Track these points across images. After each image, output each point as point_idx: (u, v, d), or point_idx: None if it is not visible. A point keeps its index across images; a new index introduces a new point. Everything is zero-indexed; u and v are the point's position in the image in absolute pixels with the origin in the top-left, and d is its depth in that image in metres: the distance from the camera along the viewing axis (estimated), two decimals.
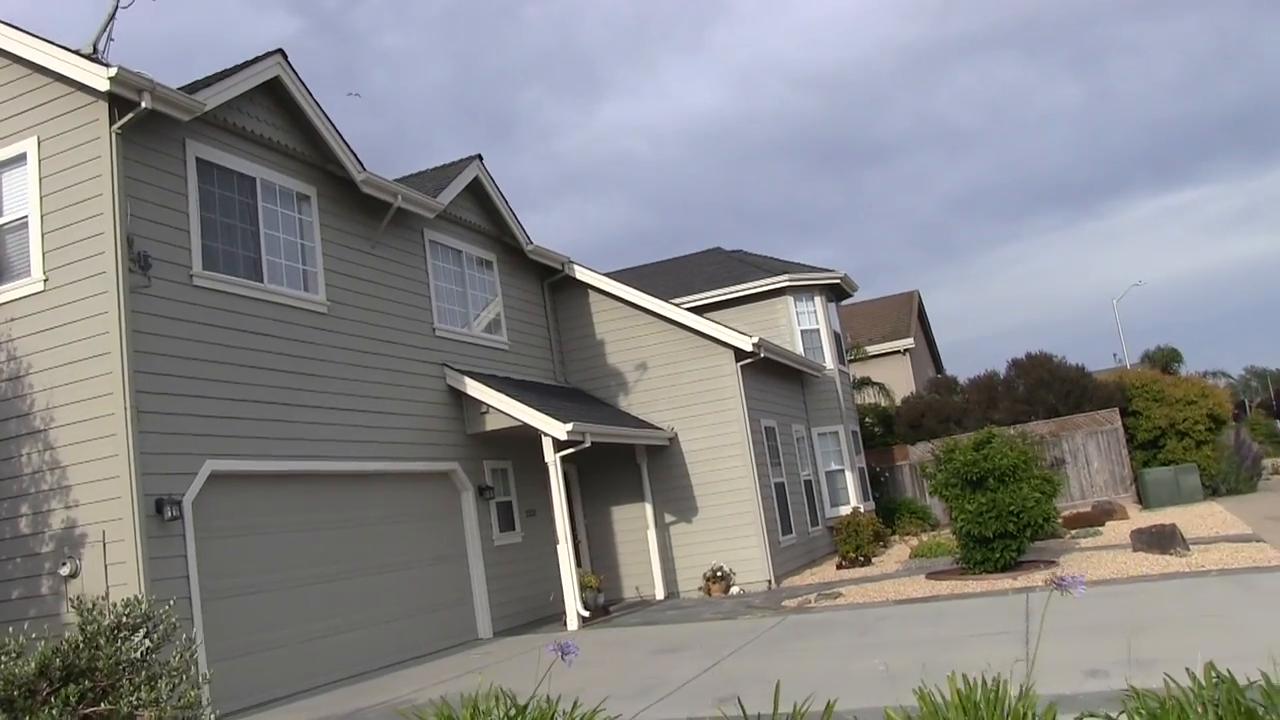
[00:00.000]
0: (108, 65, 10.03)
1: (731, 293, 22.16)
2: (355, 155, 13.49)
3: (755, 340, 17.26)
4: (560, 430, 14.40)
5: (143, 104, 10.18)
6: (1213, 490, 24.88)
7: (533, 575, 16.01)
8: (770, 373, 19.41)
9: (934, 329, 42.09)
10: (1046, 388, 25.55)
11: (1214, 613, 9.82)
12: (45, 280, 10.41)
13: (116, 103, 10.25)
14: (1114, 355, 47.34)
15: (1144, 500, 24.05)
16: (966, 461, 14.63)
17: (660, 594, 17.41)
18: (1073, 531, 18.82)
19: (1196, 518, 19.92)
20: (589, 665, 11.78)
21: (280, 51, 12.37)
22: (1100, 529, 18.88)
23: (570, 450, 14.76)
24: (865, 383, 27.44)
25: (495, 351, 16.68)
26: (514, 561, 15.82)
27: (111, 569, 9.68)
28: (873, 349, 31.80)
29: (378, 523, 13.19)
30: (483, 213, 16.90)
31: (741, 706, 5.60)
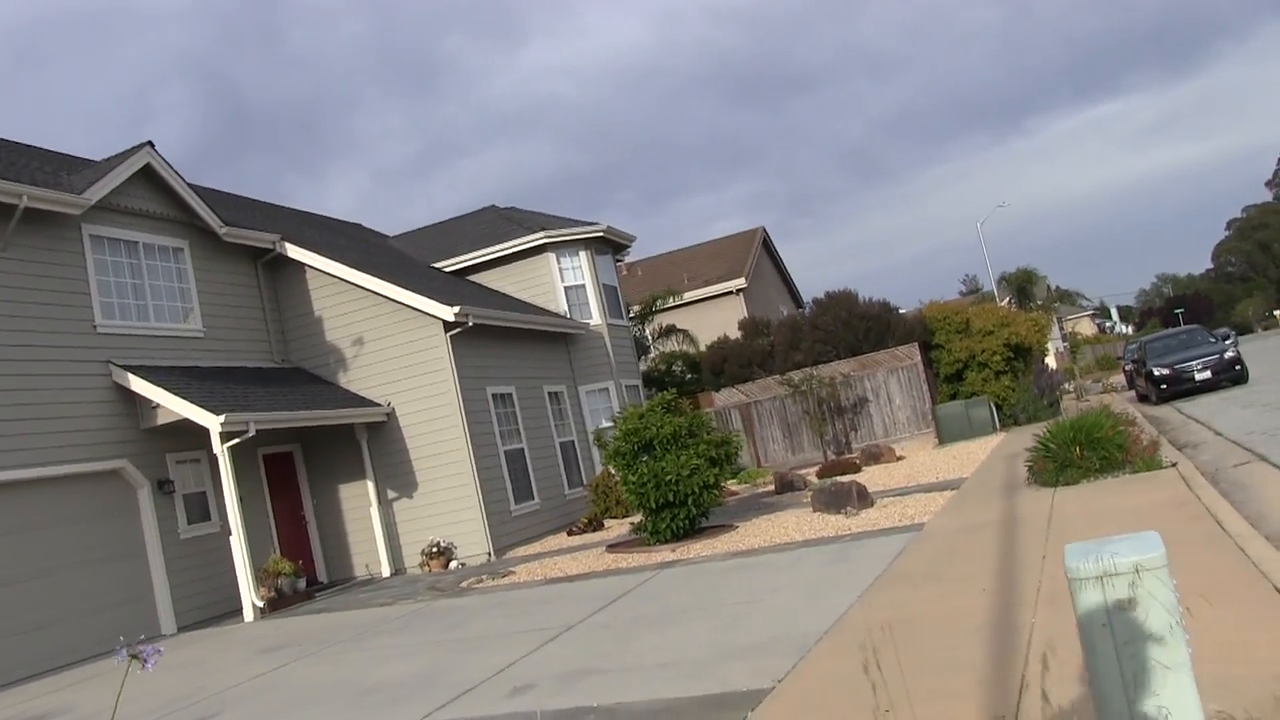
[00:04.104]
0: None
1: (494, 252, 21.82)
2: None
3: (458, 310, 16.93)
4: (214, 422, 14.20)
5: None
6: (1013, 420, 24.85)
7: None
8: (508, 337, 19.12)
9: (791, 260, 41.96)
10: (847, 326, 25.29)
11: (756, 598, 9.53)
12: None
13: None
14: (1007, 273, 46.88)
15: (939, 435, 24.06)
16: (629, 430, 14.37)
17: (386, 571, 17.35)
18: (817, 483, 18.66)
19: (951, 457, 19.91)
20: (170, 673, 11.62)
21: None
22: (846, 478, 18.66)
23: (236, 440, 14.59)
24: (671, 330, 27.17)
25: (186, 340, 16.36)
26: (209, 551, 15.69)
27: None
28: (696, 293, 31.30)
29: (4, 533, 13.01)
30: (166, 200, 16.43)
31: None
